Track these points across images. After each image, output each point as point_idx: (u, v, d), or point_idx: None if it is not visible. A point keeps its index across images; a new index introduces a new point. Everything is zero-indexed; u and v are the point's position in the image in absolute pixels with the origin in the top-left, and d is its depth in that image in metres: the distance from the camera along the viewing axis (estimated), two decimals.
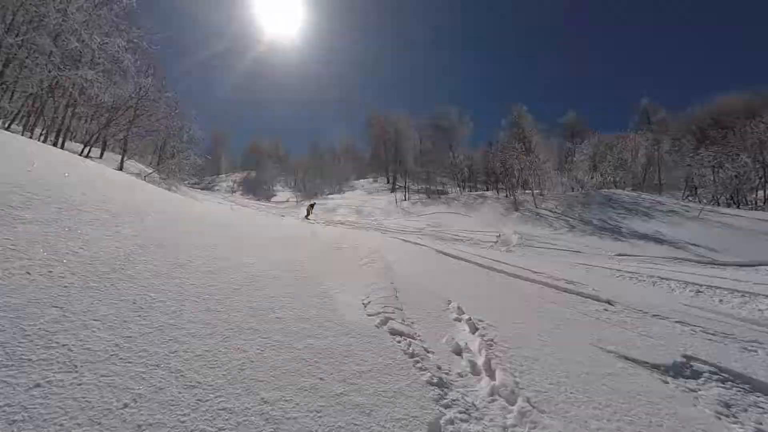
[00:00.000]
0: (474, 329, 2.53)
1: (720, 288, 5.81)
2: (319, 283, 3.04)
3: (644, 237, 15.38)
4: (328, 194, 47.79)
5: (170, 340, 1.63)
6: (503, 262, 5.62)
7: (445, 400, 1.71)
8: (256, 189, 56.30)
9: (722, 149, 26.32)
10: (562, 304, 3.54)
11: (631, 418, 1.73)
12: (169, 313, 1.86)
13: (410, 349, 2.11)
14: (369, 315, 2.51)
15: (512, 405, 1.74)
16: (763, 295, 5.34)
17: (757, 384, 2.30)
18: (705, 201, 24.56)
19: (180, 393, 1.34)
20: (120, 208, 3.19)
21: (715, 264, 10.69)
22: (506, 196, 27.58)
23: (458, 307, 2.91)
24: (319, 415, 1.39)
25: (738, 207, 22.87)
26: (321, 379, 1.63)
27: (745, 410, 2.01)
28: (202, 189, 46.73)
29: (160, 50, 18.87)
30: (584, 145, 32.60)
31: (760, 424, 1.89)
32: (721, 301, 5.08)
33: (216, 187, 55.68)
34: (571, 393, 1.87)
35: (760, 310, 4.61)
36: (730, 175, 23.75)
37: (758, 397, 2.19)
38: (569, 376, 2.05)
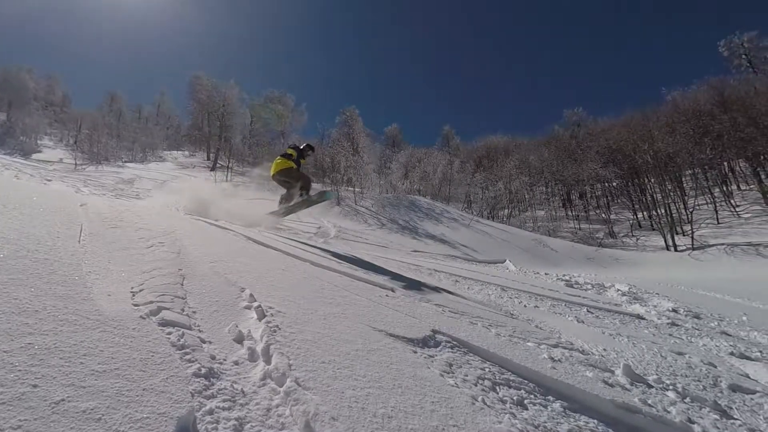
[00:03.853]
0: (262, 316, 2.52)
1: (470, 279, 7.71)
2: (72, 267, 2.41)
3: (433, 237, 18.95)
4: (125, 161, 38.80)
5: None
6: (312, 253, 5.84)
7: (210, 391, 1.63)
8: (7, 139, 40.62)
9: (488, 176, 35.44)
10: (354, 291, 3.95)
11: (381, 383, 2.08)
12: None
13: (181, 340, 1.92)
14: (136, 305, 2.15)
15: (281, 386, 1.81)
16: (493, 283, 7.39)
17: (471, 347, 3.14)
18: (475, 213, 32.20)
19: None
20: None
21: (473, 261, 14.12)
22: (331, 190, 28.87)
23: (251, 295, 2.84)
24: None
25: (493, 220, 30.98)
26: (35, 386, 1.28)
27: (460, 367, 2.71)
28: None
29: None
30: (400, 155, 37.92)
31: (467, 375, 2.58)
32: (468, 288, 6.73)
33: None
34: (337, 369, 2.10)
35: (488, 294, 6.34)
36: (491, 195, 32.15)
37: (471, 357, 2.99)
38: (340, 354, 2.29)
